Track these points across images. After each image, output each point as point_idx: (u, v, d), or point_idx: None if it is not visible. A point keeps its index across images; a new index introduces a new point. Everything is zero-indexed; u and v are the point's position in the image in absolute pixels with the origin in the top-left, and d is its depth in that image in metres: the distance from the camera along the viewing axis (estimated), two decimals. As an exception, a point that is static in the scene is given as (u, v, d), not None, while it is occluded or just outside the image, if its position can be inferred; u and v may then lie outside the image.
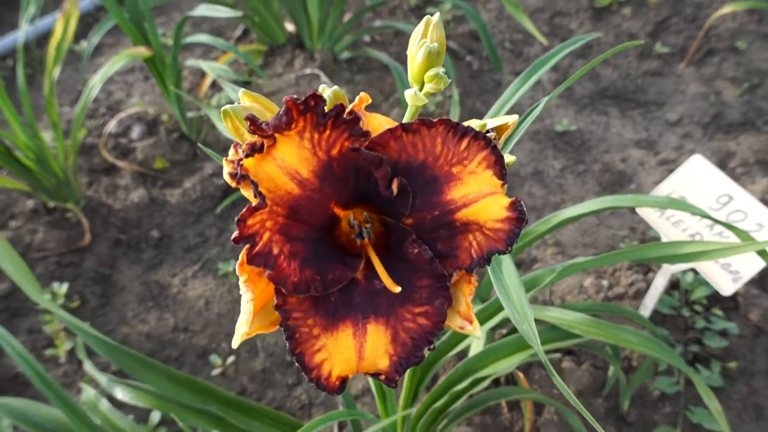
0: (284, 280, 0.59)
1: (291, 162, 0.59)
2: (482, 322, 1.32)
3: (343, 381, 0.61)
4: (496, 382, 1.71)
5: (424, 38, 0.71)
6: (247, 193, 0.59)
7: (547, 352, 1.68)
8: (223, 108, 0.65)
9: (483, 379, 1.41)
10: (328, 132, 0.59)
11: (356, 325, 0.62)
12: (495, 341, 1.46)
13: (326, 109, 0.58)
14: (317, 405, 1.89)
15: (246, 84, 2.87)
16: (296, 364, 0.59)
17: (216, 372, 2.00)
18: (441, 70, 0.68)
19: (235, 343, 0.59)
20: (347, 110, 0.58)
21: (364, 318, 0.62)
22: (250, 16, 2.83)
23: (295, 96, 0.57)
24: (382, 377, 0.61)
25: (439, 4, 3.14)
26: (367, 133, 0.59)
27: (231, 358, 2.03)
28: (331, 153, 0.60)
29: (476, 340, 1.55)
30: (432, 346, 0.61)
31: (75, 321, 1.25)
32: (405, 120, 0.74)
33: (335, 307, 0.62)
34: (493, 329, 1.64)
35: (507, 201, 0.60)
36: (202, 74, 2.96)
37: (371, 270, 0.64)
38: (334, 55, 2.93)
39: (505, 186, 0.61)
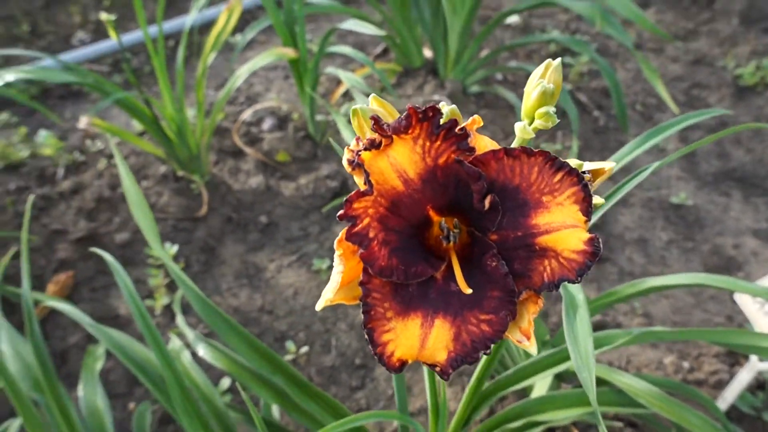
0: (372, 262, 0.67)
1: (402, 162, 0.67)
2: (548, 367, 1.34)
3: (403, 363, 0.68)
4: (552, 433, 1.70)
5: (542, 78, 0.77)
6: (358, 180, 0.67)
7: (609, 419, 1.66)
8: (354, 107, 0.74)
9: (538, 424, 1.42)
10: (439, 142, 0.66)
11: (426, 317, 0.68)
12: (561, 391, 1.47)
13: (441, 122, 0.65)
14: (374, 410, 1.95)
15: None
16: (366, 336, 0.66)
17: (288, 358, 2.11)
18: (552, 109, 0.74)
19: (319, 306, 0.68)
20: (459, 126, 0.65)
21: (434, 313, 0.68)
22: (392, 36, 2.98)
23: (417, 105, 0.65)
24: (438, 369, 0.67)
25: (576, 56, 3.16)
26: (472, 149, 0.65)
27: (304, 348, 2.13)
28: (438, 161, 0.67)
29: (539, 384, 1.56)
30: (489, 351, 0.66)
31: (182, 275, 1.39)
32: (511, 149, 0.81)
33: (411, 297, 0.69)
34: (559, 379, 1.64)
35: (586, 236, 0.65)
36: (338, 82, 3.14)
37: (450, 273, 0.70)
38: (464, 87, 3.02)
39: (588, 223, 0.66)
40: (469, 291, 0.66)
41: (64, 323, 2.21)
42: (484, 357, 1.20)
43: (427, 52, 3.23)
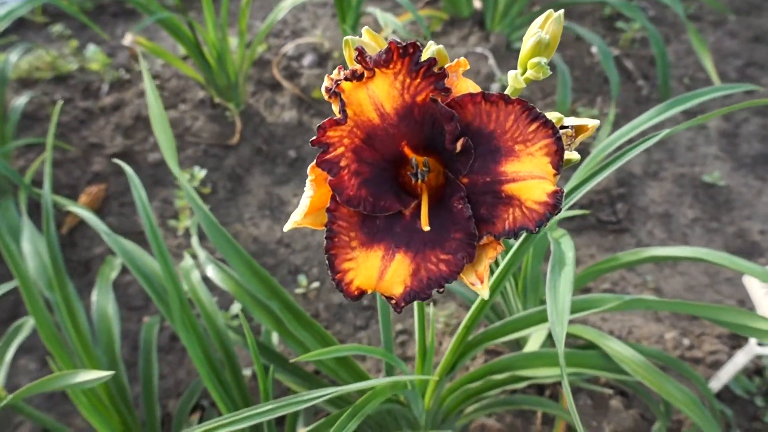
0: (341, 191, 0.69)
1: (380, 95, 0.68)
2: (540, 322, 1.35)
3: (362, 292, 0.70)
4: (540, 392, 1.72)
5: (540, 28, 0.76)
6: (335, 108, 0.68)
7: (598, 384, 1.67)
8: (345, 37, 0.74)
9: (523, 379, 1.45)
10: (418, 80, 0.67)
11: (388, 251, 0.70)
12: (550, 349, 1.48)
13: (421, 59, 0.66)
14: (374, 350, 2.00)
15: (417, 46, 2.97)
16: (326, 261, 0.69)
17: (299, 291, 2.16)
18: (544, 60, 0.74)
19: (286, 227, 0.70)
20: (438, 66, 0.66)
21: (396, 247, 0.70)
22: (443, -18, 2.92)
23: (398, 40, 0.66)
24: (393, 301, 0.69)
25: (630, 21, 3.05)
26: (448, 90, 0.66)
27: (315, 284, 2.19)
28: (416, 99, 0.68)
29: (533, 339, 1.58)
30: (441, 290, 0.68)
31: (196, 197, 1.44)
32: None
33: (377, 229, 0.71)
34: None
35: (551, 188, 0.65)
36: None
37: (418, 211, 0.72)
38: (508, 42, 2.96)
39: (557, 177, 0.66)
40: (427, 228, 0.67)
41: (91, 234, 2.31)
42: (474, 305, 1.22)
43: (477, 3, 3.16)
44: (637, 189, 2.41)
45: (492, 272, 1.13)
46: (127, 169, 1.44)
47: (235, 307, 2.10)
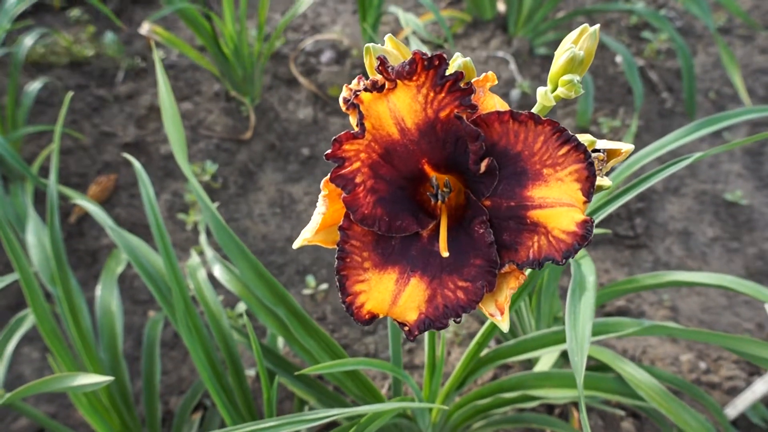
0: (356, 208, 0.65)
1: (401, 109, 0.64)
2: (553, 344, 1.31)
3: (373, 317, 0.66)
4: (550, 410, 1.68)
5: (574, 43, 0.71)
6: (352, 120, 0.64)
7: (612, 406, 1.62)
8: (366, 45, 0.70)
9: (533, 398, 1.40)
10: (443, 94, 0.63)
11: (402, 274, 0.66)
12: (562, 370, 1.44)
13: (447, 72, 0.61)
14: (380, 358, 1.96)
15: (438, 48, 2.93)
16: (337, 282, 0.65)
17: (307, 292, 2.13)
18: (577, 78, 0.69)
19: (296, 245, 0.66)
20: (465, 80, 0.61)
21: (411, 271, 0.66)
22: (467, -16, 2.87)
23: (423, 52, 0.61)
24: (406, 328, 0.65)
25: (656, 31, 2.98)
26: (474, 106, 0.62)
27: (324, 286, 2.15)
28: (439, 114, 0.63)
29: (544, 359, 1.53)
30: (459, 320, 0.64)
31: (202, 193, 1.40)
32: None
33: (392, 251, 0.67)
34: (567, 359, 1.61)
35: (581, 217, 0.61)
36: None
37: (436, 233, 0.68)
38: (531, 47, 2.90)
39: (587, 204, 0.62)
40: (446, 254, 0.63)
41: (100, 224, 2.28)
42: (488, 321, 1.18)
43: (501, 6, 3.10)
44: (656, 204, 2.35)
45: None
46: (136, 163, 1.41)
47: (242, 306, 2.07)
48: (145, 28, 2.57)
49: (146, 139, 2.57)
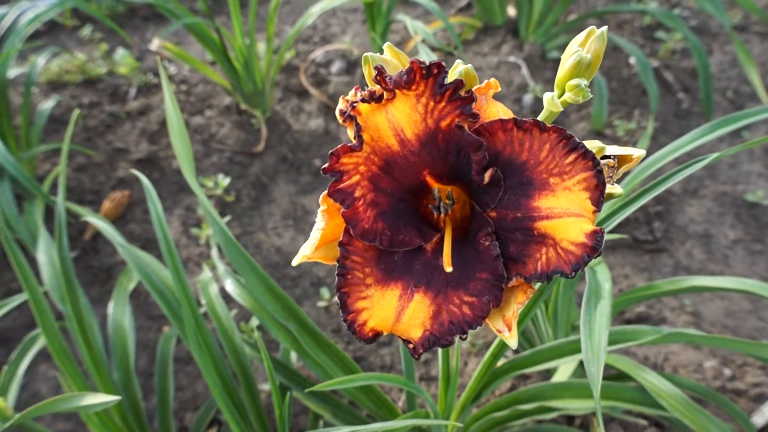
0: (356, 223, 0.63)
1: (401, 120, 0.62)
2: (570, 353, 1.28)
3: (376, 334, 0.64)
4: (570, 421, 1.64)
5: (581, 47, 0.69)
6: (350, 133, 0.62)
7: (634, 415, 1.58)
8: (365, 54, 0.68)
9: (551, 410, 1.37)
10: (443, 103, 0.60)
11: (406, 290, 0.64)
12: (581, 379, 1.40)
13: (446, 81, 0.59)
14: (395, 370, 1.94)
15: (448, 55, 2.91)
16: (338, 300, 0.63)
17: (321, 304, 2.11)
18: (585, 82, 0.66)
19: (295, 261, 0.64)
20: (465, 88, 0.59)
21: (415, 286, 0.64)
22: (477, -11, 2.85)
23: (421, 60, 0.59)
24: (410, 345, 0.63)
25: (670, 31, 2.93)
26: (476, 115, 0.59)
27: (338, 297, 2.13)
28: (440, 124, 0.61)
29: (562, 369, 1.49)
30: (465, 336, 0.61)
31: (210, 208, 1.39)
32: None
33: (394, 266, 0.65)
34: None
35: (590, 228, 0.58)
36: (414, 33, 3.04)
37: (440, 247, 0.65)
38: (543, 52, 2.87)
39: (596, 214, 0.59)
40: (450, 269, 0.61)
41: (113, 240, 2.28)
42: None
43: (511, 11, 3.08)
44: (675, 207, 2.30)
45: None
46: (144, 180, 1.40)
47: (256, 320, 2.05)
48: (155, 44, 2.59)
49: (159, 154, 2.58)
